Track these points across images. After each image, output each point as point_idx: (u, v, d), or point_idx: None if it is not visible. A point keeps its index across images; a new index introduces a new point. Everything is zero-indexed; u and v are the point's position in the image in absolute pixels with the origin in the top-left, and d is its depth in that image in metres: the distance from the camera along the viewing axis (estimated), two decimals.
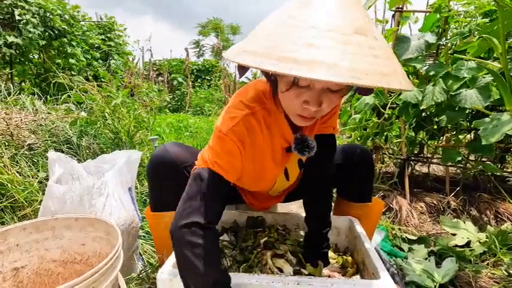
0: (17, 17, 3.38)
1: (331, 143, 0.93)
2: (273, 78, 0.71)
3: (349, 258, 0.90)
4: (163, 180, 0.93)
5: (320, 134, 0.89)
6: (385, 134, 2.11)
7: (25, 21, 3.47)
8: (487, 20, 1.61)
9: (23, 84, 3.77)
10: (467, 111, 1.55)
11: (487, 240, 1.37)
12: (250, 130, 0.77)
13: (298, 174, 0.99)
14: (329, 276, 0.82)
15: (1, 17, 3.36)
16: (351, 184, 1.05)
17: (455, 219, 1.64)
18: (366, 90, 0.76)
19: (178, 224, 0.66)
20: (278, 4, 0.70)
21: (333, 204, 1.14)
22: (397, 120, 2.02)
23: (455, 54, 1.66)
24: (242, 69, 0.66)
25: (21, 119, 1.72)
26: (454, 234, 1.49)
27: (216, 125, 0.78)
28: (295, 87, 0.63)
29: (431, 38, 1.67)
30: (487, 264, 1.27)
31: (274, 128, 0.81)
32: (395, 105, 1.87)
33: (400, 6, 1.84)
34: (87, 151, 1.81)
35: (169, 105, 8.57)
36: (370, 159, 1.04)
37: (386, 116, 1.86)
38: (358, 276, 0.82)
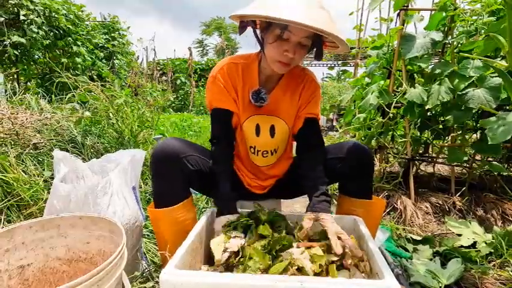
0: (22, 17, 3.41)
1: (318, 129, 1.11)
2: (262, 36, 0.94)
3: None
4: (167, 172, 0.94)
5: (308, 119, 1.08)
6: (390, 133, 2.09)
7: (29, 21, 3.50)
8: (493, 18, 1.58)
9: (28, 84, 3.80)
10: (473, 111, 1.53)
11: (493, 241, 1.36)
12: (230, 74, 1.02)
13: (268, 140, 1.09)
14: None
15: (6, 17, 3.39)
16: (351, 180, 1.08)
17: (461, 220, 1.63)
18: (318, 55, 0.95)
19: (211, 144, 1.04)
20: None
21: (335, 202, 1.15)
22: (401, 120, 2.01)
23: (461, 53, 1.64)
24: (242, 28, 0.94)
25: (27, 118, 1.74)
26: (459, 235, 1.47)
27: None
28: (279, 40, 0.88)
29: (437, 36, 1.65)
30: (493, 265, 1.25)
31: (247, 79, 1.04)
32: (400, 105, 1.86)
33: (405, 5, 1.82)
34: (92, 150, 1.82)
35: (173, 104, 8.59)
36: (369, 155, 1.06)
37: (391, 115, 1.84)
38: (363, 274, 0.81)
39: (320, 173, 1.00)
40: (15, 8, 3.46)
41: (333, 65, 8.88)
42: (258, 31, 0.97)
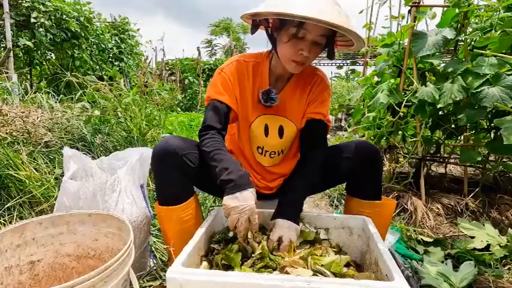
0: (33, 19, 3.49)
1: (320, 130, 1.08)
2: (275, 35, 0.95)
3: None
4: (167, 170, 0.92)
5: (311, 119, 1.06)
6: (400, 133, 2.06)
7: (39, 23, 3.58)
8: (510, 13, 1.53)
9: (41, 83, 3.89)
10: (487, 110, 1.48)
11: (508, 243, 1.31)
12: (239, 71, 1.02)
13: (277, 141, 1.09)
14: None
15: (18, 19, 3.47)
16: (358, 180, 1.05)
17: (474, 222, 1.58)
18: (331, 54, 0.97)
19: (200, 133, 0.96)
20: None
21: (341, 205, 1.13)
22: (412, 119, 1.97)
23: (475, 50, 1.59)
24: (255, 27, 0.95)
25: (38, 117, 1.77)
26: (472, 237, 1.43)
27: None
28: (294, 39, 0.88)
29: (449, 33, 1.61)
30: (508, 268, 1.21)
31: (257, 78, 1.04)
32: (410, 104, 1.82)
33: (417, 1, 1.78)
34: (101, 148, 1.85)
35: (181, 103, 8.66)
36: (377, 154, 1.03)
37: (401, 114, 1.80)
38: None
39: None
40: (28, 10, 3.54)
41: (342, 64, 8.78)
42: (269, 30, 0.97)
